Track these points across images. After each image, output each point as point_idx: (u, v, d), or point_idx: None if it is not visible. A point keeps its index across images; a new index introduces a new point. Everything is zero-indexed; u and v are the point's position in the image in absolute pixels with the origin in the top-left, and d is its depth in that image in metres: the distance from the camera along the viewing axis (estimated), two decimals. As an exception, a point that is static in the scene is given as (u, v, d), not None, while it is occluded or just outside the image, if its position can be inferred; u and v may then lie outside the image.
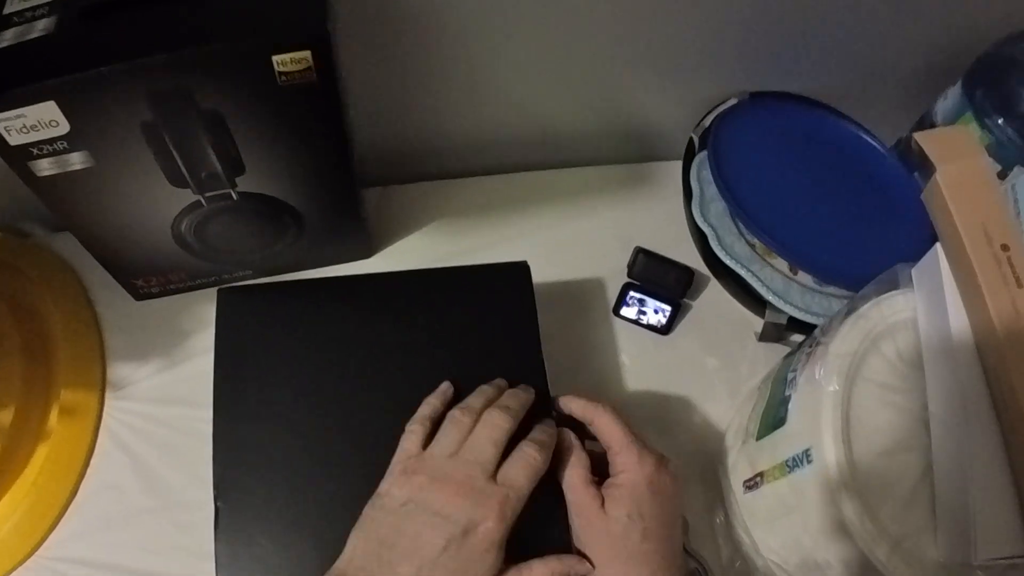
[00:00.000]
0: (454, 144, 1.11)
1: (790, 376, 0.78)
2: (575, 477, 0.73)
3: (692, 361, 1.00)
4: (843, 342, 0.72)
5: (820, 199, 0.98)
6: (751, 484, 0.80)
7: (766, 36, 0.98)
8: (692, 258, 1.02)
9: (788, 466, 0.73)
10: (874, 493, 0.66)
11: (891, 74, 1.06)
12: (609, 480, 0.74)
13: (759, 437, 0.80)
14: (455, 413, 0.73)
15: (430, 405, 0.75)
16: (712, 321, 1.02)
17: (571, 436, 0.77)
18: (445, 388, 0.77)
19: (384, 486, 0.70)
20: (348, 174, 0.88)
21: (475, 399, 0.74)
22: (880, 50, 1.02)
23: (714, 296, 1.04)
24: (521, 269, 0.86)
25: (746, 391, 0.95)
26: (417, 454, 0.71)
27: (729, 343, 1.01)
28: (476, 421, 0.71)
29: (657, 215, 1.08)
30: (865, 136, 1.06)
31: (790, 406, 0.75)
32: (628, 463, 0.73)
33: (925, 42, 1.01)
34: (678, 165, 1.05)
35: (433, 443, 0.71)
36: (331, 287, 0.86)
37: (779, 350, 0.98)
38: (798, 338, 0.98)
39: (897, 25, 0.98)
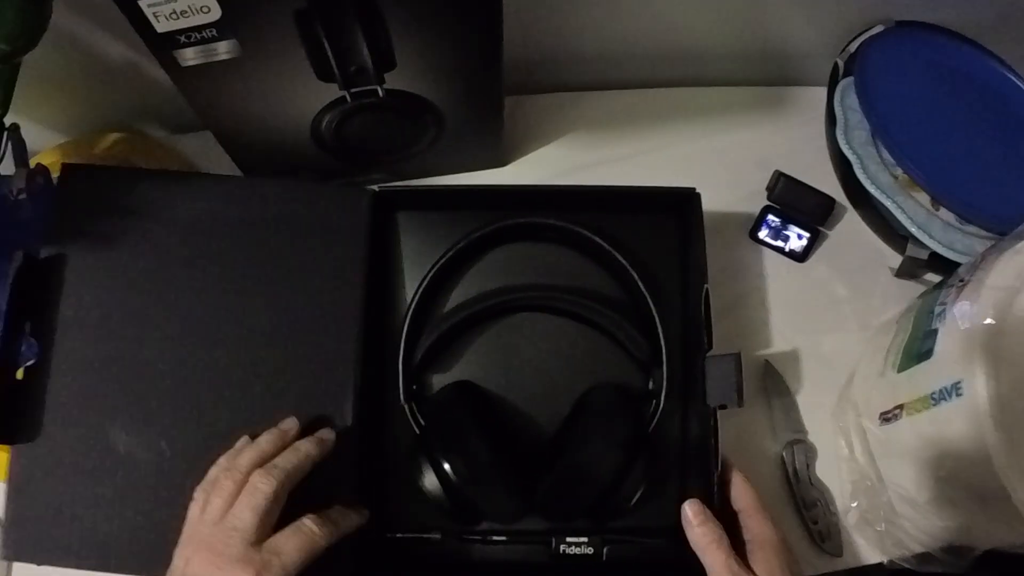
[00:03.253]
0: (591, 54, 1.09)
1: (938, 310, 0.77)
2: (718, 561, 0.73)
3: (825, 290, 1.00)
4: (999, 276, 0.71)
5: (965, 135, 0.96)
6: (889, 416, 0.80)
7: None
8: (830, 186, 1.00)
9: (933, 399, 0.72)
10: (1019, 429, 0.65)
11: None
12: (749, 545, 0.75)
13: (900, 369, 0.79)
14: (220, 475, 0.71)
15: (218, 466, 0.74)
16: (848, 252, 1.01)
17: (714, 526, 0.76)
18: (240, 445, 0.76)
19: (174, 556, 0.70)
20: (497, 75, 0.86)
21: (245, 456, 0.72)
22: None
23: (851, 227, 1.02)
24: (688, 197, 0.88)
25: (878, 324, 0.95)
26: (197, 520, 0.70)
27: (863, 275, 1.00)
28: (244, 482, 0.70)
29: (796, 140, 1.05)
30: (1011, 75, 1.03)
31: (938, 339, 0.74)
32: (763, 526, 0.75)
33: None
34: (819, 91, 1.03)
35: (205, 510, 0.70)
36: (483, 195, 0.90)
37: (911, 287, 0.97)
38: (932, 278, 0.96)
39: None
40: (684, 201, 0.88)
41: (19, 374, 0.77)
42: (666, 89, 1.11)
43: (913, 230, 0.91)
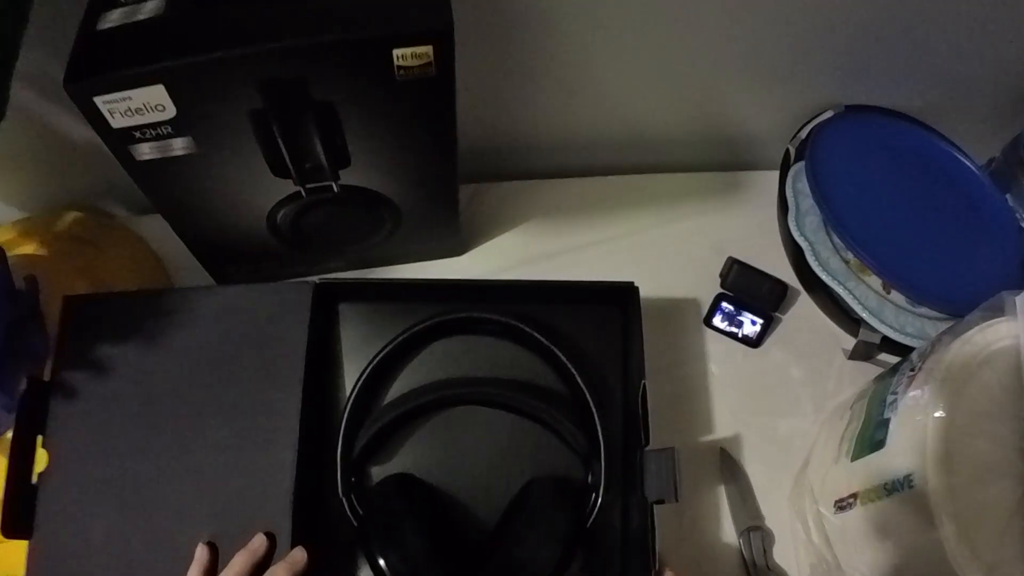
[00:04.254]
0: (548, 143, 1.11)
1: (890, 399, 0.76)
2: None
3: (780, 374, 1.00)
4: (949, 367, 0.71)
5: (915, 217, 0.97)
6: (844, 504, 0.79)
7: (863, 49, 0.96)
8: (784, 270, 1.01)
9: (886, 489, 0.71)
10: (971, 520, 0.65)
11: (984, 92, 1.05)
12: None
13: (854, 458, 0.79)
14: None
15: None
16: (801, 336, 1.01)
17: None
18: (199, 555, 0.76)
19: None
20: (451, 169, 0.86)
21: None
22: (975, 68, 1.00)
23: (804, 311, 1.02)
24: (627, 292, 0.88)
25: (833, 406, 0.95)
26: None
27: (817, 358, 1.00)
28: None
29: (749, 225, 1.06)
30: (960, 156, 1.04)
31: (890, 429, 0.74)
32: None
33: (1019, 62, 0.99)
34: (771, 175, 1.04)
35: None
36: (427, 288, 0.90)
37: (865, 368, 0.97)
38: (887, 358, 0.96)
39: (992, 45, 0.96)
40: (624, 295, 0.88)
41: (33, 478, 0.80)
42: (623, 176, 1.11)
43: (864, 315, 0.91)
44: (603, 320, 0.90)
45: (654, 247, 1.05)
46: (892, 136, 1.03)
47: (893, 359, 0.92)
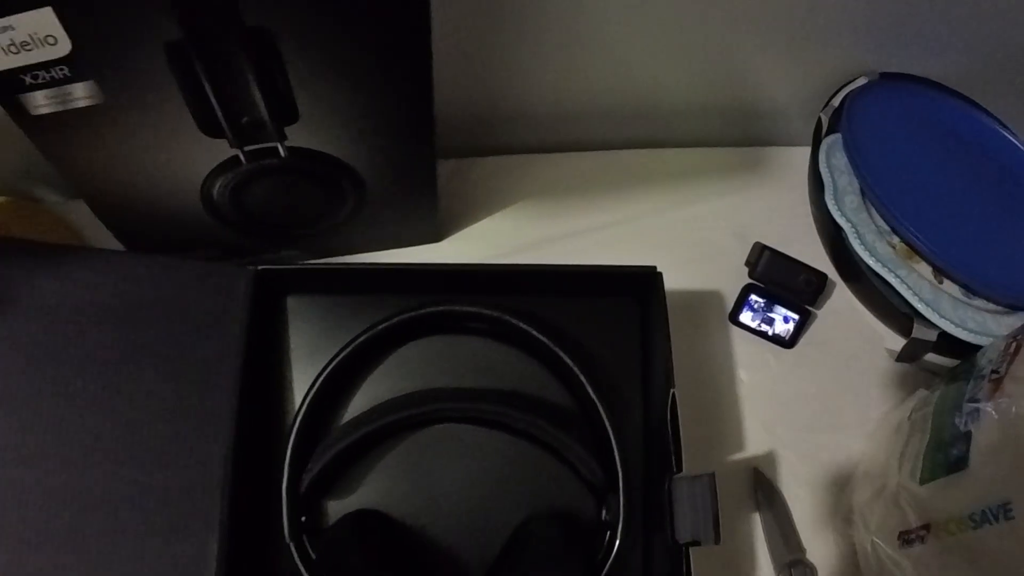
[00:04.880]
0: (544, 112, 1.02)
1: (967, 408, 0.68)
2: None
3: (817, 380, 0.91)
4: None
5: (961, 198, 0.91)
6: (911, 537, 0.70)
7: (898, 8, 0.90)
8: (815, 260, 0.93)
9: (974, 521, 0.63)
10: None
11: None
12: None
13: (924, 481, 0.70)
14: None
15: None
16: (839, 334, 0.93)
17: None
18: None
19: None
20: (426, 133, 0.75)
21: None
22: (1017, 34, 0.94)
23: (841, 305, 0.94)
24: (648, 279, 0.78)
25: (877, 417, 0.87)
26: None
27: (858, 361, 0.92)
28: None
29: (774, 207, 0.99)
30: (1005, 132, 0.99)
31: (974, 445, 0.65)
32: None
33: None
34: (796, 152, 1.00)
35: None
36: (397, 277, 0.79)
37: (911, 373, 0.90)
38: (934, 359, 0.88)
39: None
40: (644, 283, 0.77)
41: None
42: (630, 151, 1.04)
43: (920, 307, 0.83)
44: (617, 316, 0.80)
45: (667, 232, 0.97)
46: (931, 108, 0.97)
47: (942, 362, 0.87)
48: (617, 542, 0.68)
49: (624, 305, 0.81)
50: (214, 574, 0.65)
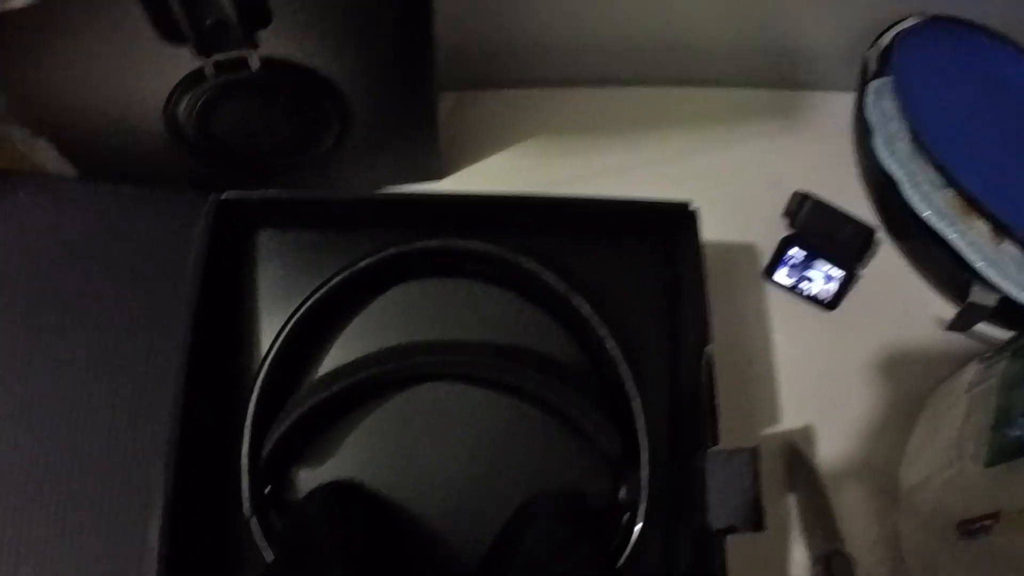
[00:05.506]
0: (563, 42, 0.95)
1: None
2: None
3: (859, 348, 0.85)
4: None
5: (1019, 150, 0.85)
6: (974, 528, 0.64)
7: None
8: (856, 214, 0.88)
9: None
10: None
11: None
12: None
13: (990, 463, 0.64)
14: None
15: None
16: (884, 297, 0.87)
17: None
18: None
19: None
20: (426, 46, 0.68)
21: None
22: None
23: (886, 265, 0.88)
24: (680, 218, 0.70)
25: (924, 391, 0.81)
26: None
27: (904, 328, 0.86)
28: None
29: (814, 154, 0.93)
30: None
31: None
32: None
33: None
34: (836, 97, 0.94)
35: None
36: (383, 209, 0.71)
37: (959, 342, 0.84)
38: (985, 331, 0.84)
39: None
40: (674, 223, 0.69)
41: None
42: (655, 88, 0.98)
43: (981, 266, 0.78)
44: (640, 261, 0.72)
45: (695, 177, 0.89)
46: (984, 54, 0.92)
47: (994, 333, 0.82)
48: (638, 525, 0.60)
49: (648, 250, 0.73)
50: (156, 553, 0.55)
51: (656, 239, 0.72)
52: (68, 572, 0.59)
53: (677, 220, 0.68)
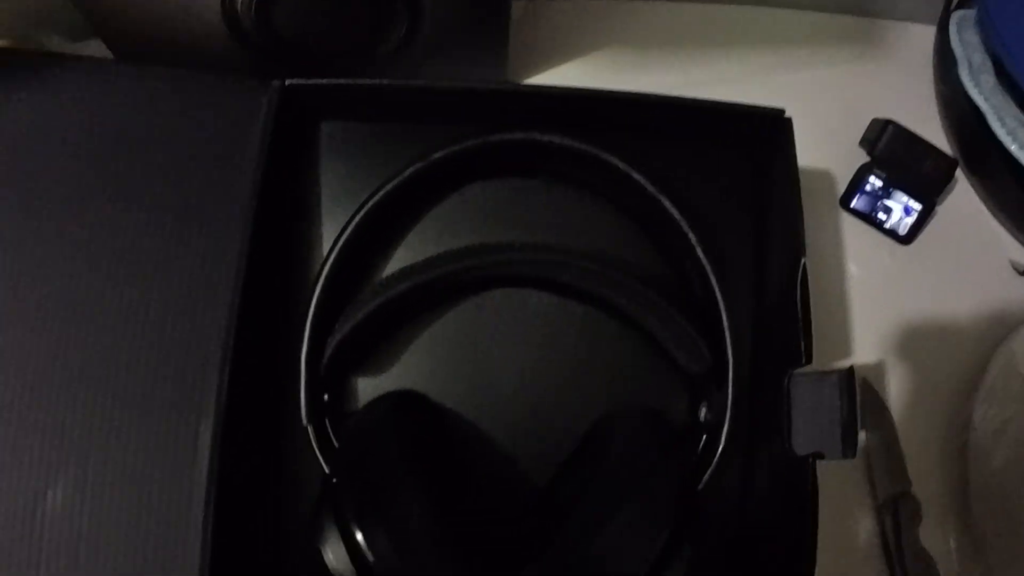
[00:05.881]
0: None
1: None
2: None
3: (934, 284, 0.82)
4: None
5: None
6: None
7: None
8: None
9: None
10: None
11: None
12: None
13: None
14: None
15: None
16: (958, 236, 0.84)
17: None
18: None
19: None
20: None
21: None
22: None
23: (962, 201, 0.84)
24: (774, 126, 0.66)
25: (1001, 333, 0.78)
26: None
27: (977, 268, 0.83)
28: None
29: (892, 83, 0.88)
30: None
31: None
32: None
33: None
34: (915, 28, 0.90)
35: None
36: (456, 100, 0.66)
37: None
38: None
39: None
40: (766, 132, 0.65)
41: None
42: (732, 6, 0.93)
43: None
44: (726, 170, 0.68)
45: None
46: None
47: None
48: (720, 446, 0.57)
49: (735, 158, 0.69)
50: (207, 462, 0.54)
51: (744, 148, 0.69)
52: (109, 481, 0.55)
53: (770, 128, 0.65)
